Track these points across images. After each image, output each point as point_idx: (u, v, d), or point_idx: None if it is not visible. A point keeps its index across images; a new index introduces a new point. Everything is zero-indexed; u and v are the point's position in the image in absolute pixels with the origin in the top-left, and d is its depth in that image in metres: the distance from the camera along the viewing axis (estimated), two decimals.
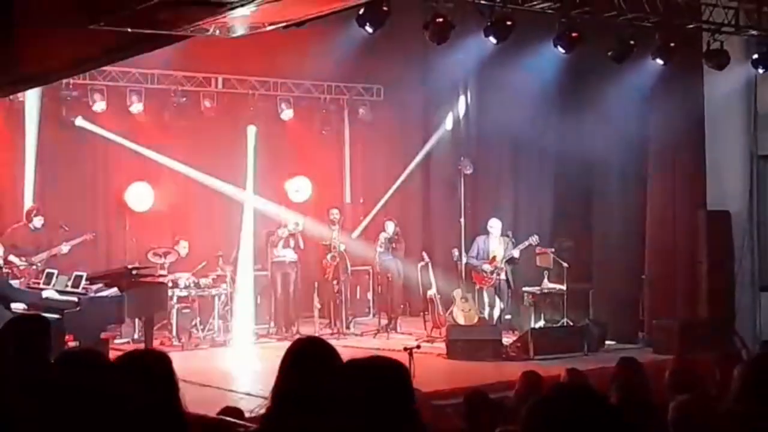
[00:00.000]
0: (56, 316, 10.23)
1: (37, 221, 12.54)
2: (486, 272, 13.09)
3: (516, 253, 13.01)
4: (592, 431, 2.15)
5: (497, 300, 13.20)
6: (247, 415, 5.42)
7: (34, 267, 12.23)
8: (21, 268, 12.15)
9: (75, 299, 10.65)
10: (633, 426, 2.26)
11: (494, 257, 13.10)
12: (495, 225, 13.20)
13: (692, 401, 4.65)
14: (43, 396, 3.41)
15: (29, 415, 3.41)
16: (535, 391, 6.29)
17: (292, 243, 13.85)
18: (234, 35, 5.23)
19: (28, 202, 13.26)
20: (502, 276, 13.15)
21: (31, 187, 13.45)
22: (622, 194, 13.50)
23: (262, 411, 3.56)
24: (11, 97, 12.53)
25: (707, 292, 12.50)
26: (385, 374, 3.01)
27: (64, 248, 12.59)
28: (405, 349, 9.19)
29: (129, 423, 3.09)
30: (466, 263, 13.33)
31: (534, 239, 12.91)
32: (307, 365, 3.48)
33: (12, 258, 12.24)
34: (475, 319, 13.07)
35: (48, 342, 4.10)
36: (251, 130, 14.91)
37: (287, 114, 15.42)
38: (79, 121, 13.79)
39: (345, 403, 2.89)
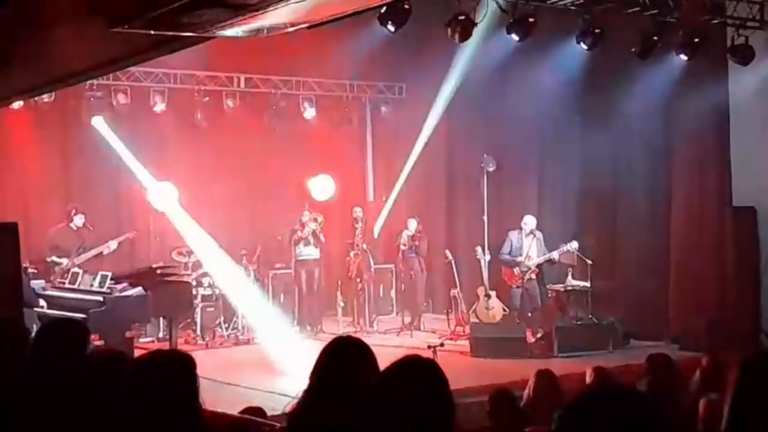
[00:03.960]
0: (81, 315, 10.33)
1: (78, 220, 12.63)
2: (522, 271, 12.95)
3: (555, 256, 12.91)
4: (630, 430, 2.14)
5: (524, 300, 13.09)
6: (269, 413, 5.43)
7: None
8: (64, 267, 12.17)
9: (100, 299, 10.73)
10: (666, 423, 2.23)
11: (528, 258, 12.97)
12: (529, 221, 13.08)
13: (723, 401, 4.60)
14: (68, 398, 3.43)
15: (49, 416, 3.44)
16: (551, 390, 6.26)
17: (312, 240, 13.90)
18: (256, 36, 5.25)
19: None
20: (533, 276, 13.05)
21: None
22: (646, 191, 13.42)
23: (289, 408, 3.57)
24: (35, 98, 12.62)
25: (733, 289, 12.40)
26: (424, 375, 3.00)
27: (113, 245, 12.68)
28: (429, 347, 9.20)
29: (147, 424, 3.11)
30: (499, 259, 13.21)
31: (574, 245, 12.77)
32: (343, 364, 3.48)
33: (54, 258, 12.33)
34: (499, 317, 13.05)
35: (84, 348, 4.09)
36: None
37: (310, 113, 15.43)
38: (96, 122, 13.84)
39: (384, 404, 2.89)
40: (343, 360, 3.52)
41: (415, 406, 2.86)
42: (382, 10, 9.65)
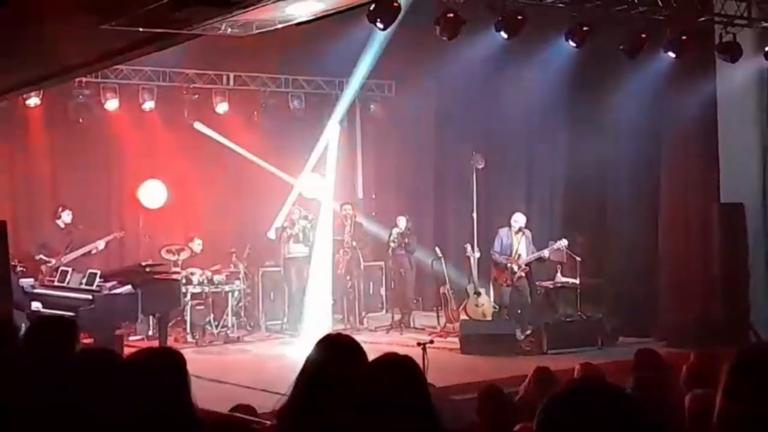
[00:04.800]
0: (71, 314, 10.30)
1: (66, 216, 12.58)
2: (513, 272, 12.92)
3: (546, 254, 12.90)
4: (613, 426, 2.15)
5: (514, 297, 13.08)
6: (259, 411, 5.43)
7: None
8: (53, 266, 12.11)
9: (89, 297, 10.70)
10: (652, 419, 2.26)
11: (519, 256, 12.96)
12: (519, 219, 13.04)
13: (709, 396, 4.63)
14: (59, 398, 3.43)
15: (42, 414, 3.44)
16: (547, 387, 6.28)
17: (302, 238, 13.89)
18: (245, 33, 5.26)
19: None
20: (523, 273, 13.03)
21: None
22: (634, 187, 13.46)
23: (279, 405, 3.57)
24: (24, 96, 12.59)
25: (721, 286, 12.45)
26: (399, 371, 3.02)
27: (101, 245, 12.64)
28: (418, 344, 9.18)
29: (138, 424, 3.11)
30: (491, 256, 13.18)
31: (563, 243, 12.77)
32: (333, 362, 3.49)
33: (42, 257, 12.28)
34: (489, 314, 13.06)
35: (72, 346, 4.09)
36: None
37: (299, 110, 15.43)
38: (86, 119, 13.79)
39: (362, 402, 2.91)
40: (334, 357, 3.52)
41: (394, 403, 2.88)
42: (372, 8, 9.63)
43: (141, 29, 5.04)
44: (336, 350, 3.55)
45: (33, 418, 3.49)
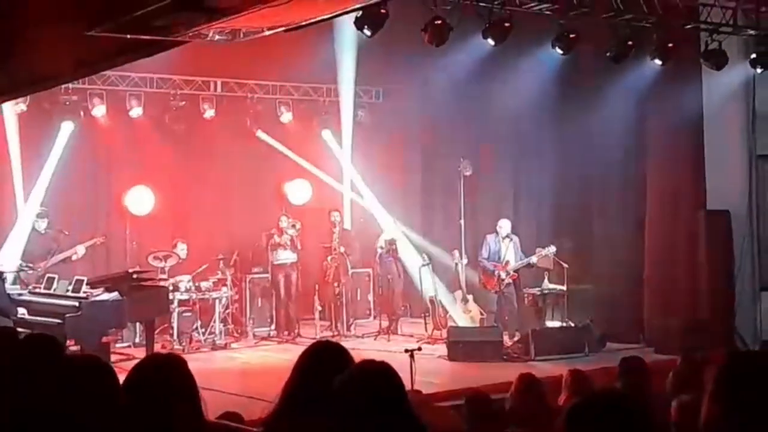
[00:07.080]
0: (57, 320, 10.27)
1: (37, 224, 12.53)
2: (502, 279, 12.92)
3: (534, 260, 12.90)
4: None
5: (501, 304, 13.09)
6: (246, 419, 5.41)
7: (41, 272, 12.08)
8: (30, 273, 12.05)
9: (76, 304, 10.66)
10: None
11: (507, 262, 12.98)
12: (504, 225, 13.08)
13: (695, 401, 4.65)
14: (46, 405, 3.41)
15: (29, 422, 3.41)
16: (532, 393, 6.29)
17: (289, 244, 13.89)
18: (233, 40, 5.25)
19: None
20: (511, 280, 13.03)
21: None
22: (621, 194, 13.51)
23: (265, 413, 3.56)
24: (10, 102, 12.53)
25: (707, 292, 12.49)
26: (375, 377, 3.03)
27: (80, 250, 12.57)
28: (406, 351, 9.19)
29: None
30: (479, 263, 13.18)
31: (552, 250, 12.77)
32: (321, 369, 3.48)
33: (27, 263, 12.22)
34: (477, 321, 13.06)
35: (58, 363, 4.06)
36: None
37: (286, 117, 15.44)
38: (67, 126, 13.73)
39: (341, 409, 2.92)
40: (322, 364, 3.51)
41: (369, 409, 2.88)
42: (359, 15, 9.64)
43: (128, 36, 5.02)
44: (323, 357, 3.54)
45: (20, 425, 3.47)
